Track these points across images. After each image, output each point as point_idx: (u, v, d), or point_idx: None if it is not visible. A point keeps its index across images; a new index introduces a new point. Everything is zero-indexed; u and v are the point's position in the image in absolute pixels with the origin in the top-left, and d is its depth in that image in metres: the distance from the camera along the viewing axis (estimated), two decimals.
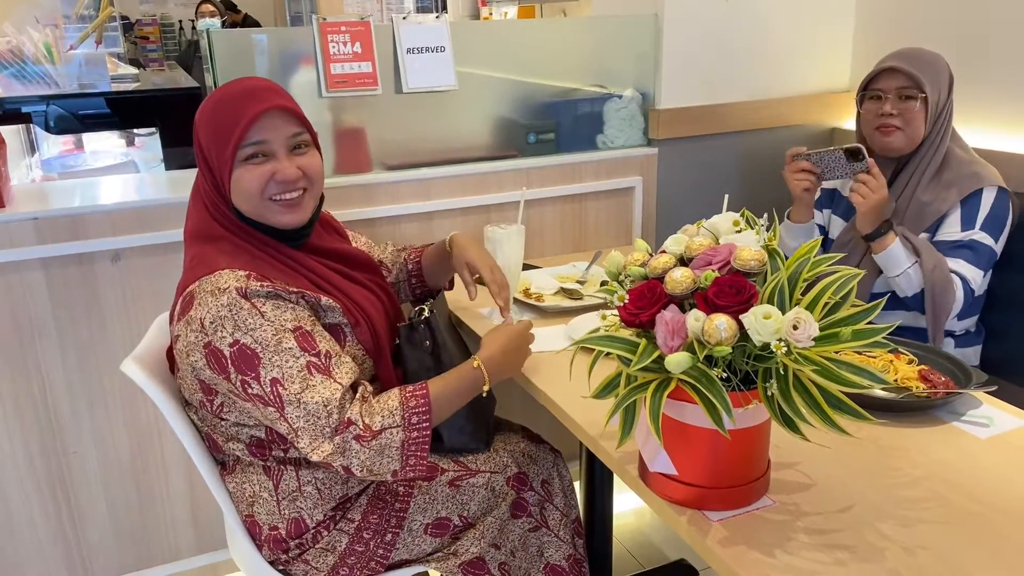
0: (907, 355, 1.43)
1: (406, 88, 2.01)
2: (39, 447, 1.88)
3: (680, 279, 0.98)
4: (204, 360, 1.23)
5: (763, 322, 0.90)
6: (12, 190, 1.85)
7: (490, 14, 4.53)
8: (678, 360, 0.92)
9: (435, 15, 2.09)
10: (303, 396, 1.20)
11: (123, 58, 4.44)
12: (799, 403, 0.95)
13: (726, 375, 0.96)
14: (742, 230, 1.06)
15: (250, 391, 1.21)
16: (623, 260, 1.10)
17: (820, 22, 2.42)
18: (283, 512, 1.35)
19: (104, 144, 3.39)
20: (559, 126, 2.26)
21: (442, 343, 1.43)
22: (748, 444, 1.05)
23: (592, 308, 1.77)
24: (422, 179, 2.07)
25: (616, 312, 1.04)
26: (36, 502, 1.91)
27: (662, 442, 0.96)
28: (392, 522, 1.39)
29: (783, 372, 0.95)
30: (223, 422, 1.33)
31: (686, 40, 2.25)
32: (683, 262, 1.05)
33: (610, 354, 1.04)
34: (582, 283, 1.94)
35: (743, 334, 0.94)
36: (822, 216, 2.08)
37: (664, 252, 1.07)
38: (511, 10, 4.26)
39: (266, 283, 1.25)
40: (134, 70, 3.85)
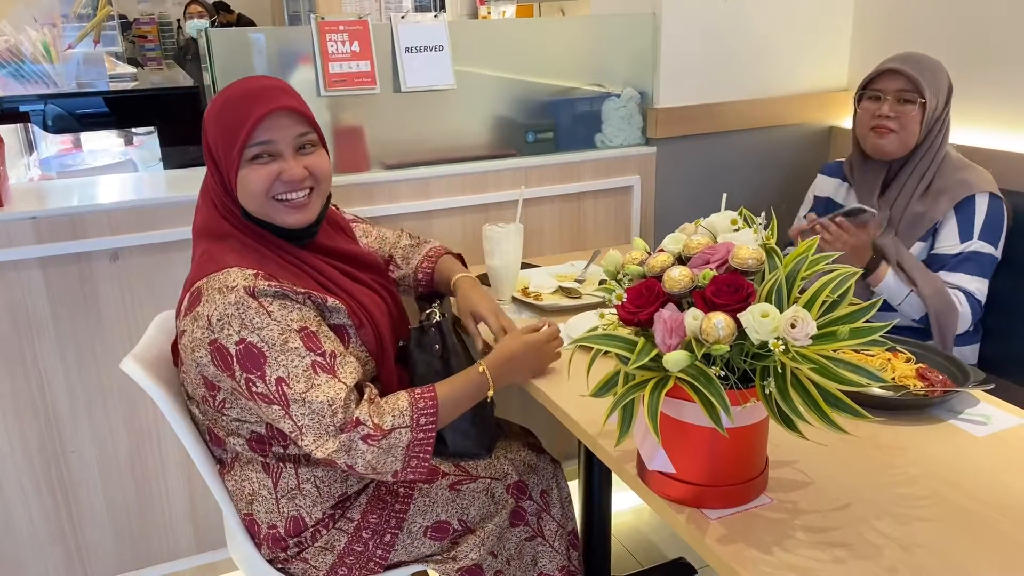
0: (905, 353, 1.44)
1: (404, 87, 2.01)
2: (38, 446, 1.88)
3: (678, 278, 0.99)
4: (209, 357, 1.24)
5: (761, 321, 0.90)
6: (11, 189, 1.85)
7: (488, 13, 4.53)
8: (676, 359, 0.93)
9: (434, 14, 2.09)
10: (308, 395, 1.20)
11: (121, 57, 4.43)
12: (797, 401, 0.95)
13: (724, 373, 0.96)
14: (740, 228, 1.06)
15: (255, 389, 1.22)
16: (621, 259, 1.11)
17: (818, 21, 2.42)
18: (282, 510, 1.35)
19: (102, 143, 3.38)
20: (557, 125, 2.26)
21: (451, 347, 1.45)
22: (746, 442, 1.05)
23: (590, 307, 1.77)
24: (421, 178, 2.07)
25: (614, 311, 1.05)
26: (35, 501, 1.91)
27: (660, 440, 0.96)
28: (392, 523, 1.39)
29: (781, 370, 0.95)
30: (224, 417, 1.34)
31: (684, 39, 2.25)
32: (681, 261, 1.05)
33: (608, 352, 1.04)
34: (580, 282, 1.94)
35: (741, 332, 0.94)
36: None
37: (662, 251, 1.07)
38: (509, 8, 4.26)
39: (273, 283, 1.25)
40: (132, 69, 3.84)
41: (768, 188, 2.50)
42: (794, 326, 0.90)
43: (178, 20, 6.46)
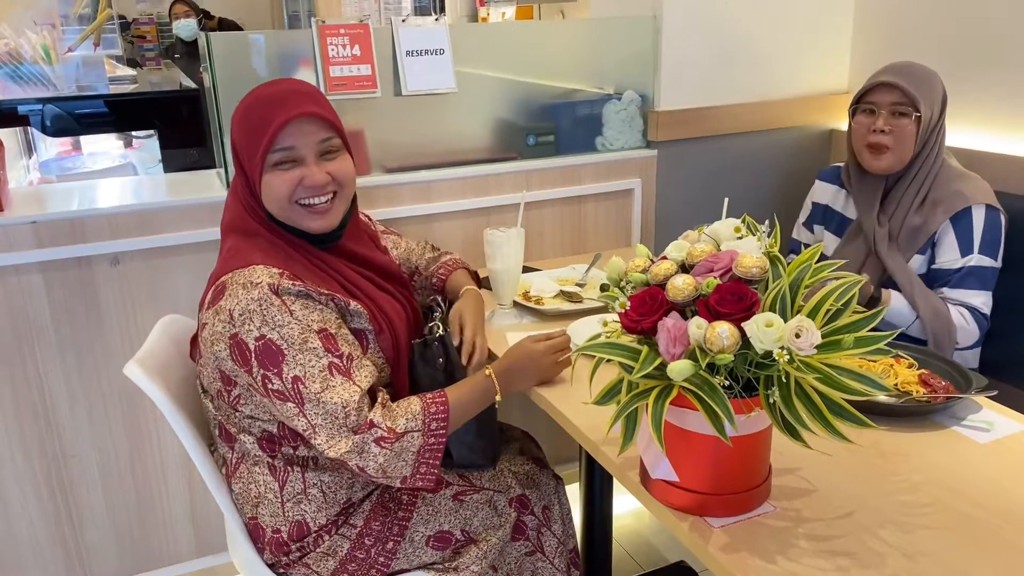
0: (907, 359, 1.43)
1: (405, 91, 2.00)
2: (38, 450, 1.88)
3: (682, 286, 0.98)
4: (228, 351, 1.25)
5: (765, 330, 0.90)
6: (10, 193, 1.84)
7: (488, 14, 4.52)
8: (680, 368, 0.92)
9: (434, 17, 2.09)
10: (322, 396, 1.22)
11: (121, 60, 4.43)
12: (801, 410, 0.95)
13: (728, 383, 0.96)
14: (743, 236, 1.06)
15: (270, 386, 1.23)
16: (624, 266, 1.10)
17: (819, 24, 2.42)
18: (287, 514, 1.35)
19: (102, 146, 3.38)
20: (558, 128, 2.26)
21: (455, 361, 1.45)
22: (750, 451, 1.05)
23: (592, 311, 1.77)
24: (422, 181, 2.07)
25: (617, 318, 1.04)
26: (35, 505, 1.91)
27: (664, 450, 0.96)
28: (394, 530, 1.39)
29: (785, 379, 0.95)
30: (237, 413, 1.35)
31: (685, 42, 2.25)
32: (684, 269, 1.05)
33: (611, 360, 1.04)
34: (582, 286, 1.94)
35: (745, 342, 0.93)
36: (812, 235, 2.08)
37: (665, 258, 1.07)
38: (509, 10, 4.25)
39: (298, 282, 1.27)
40: (132, 71, 3.83)
41: (769, 191, 2.50)
42: (798, 336, 0.90)
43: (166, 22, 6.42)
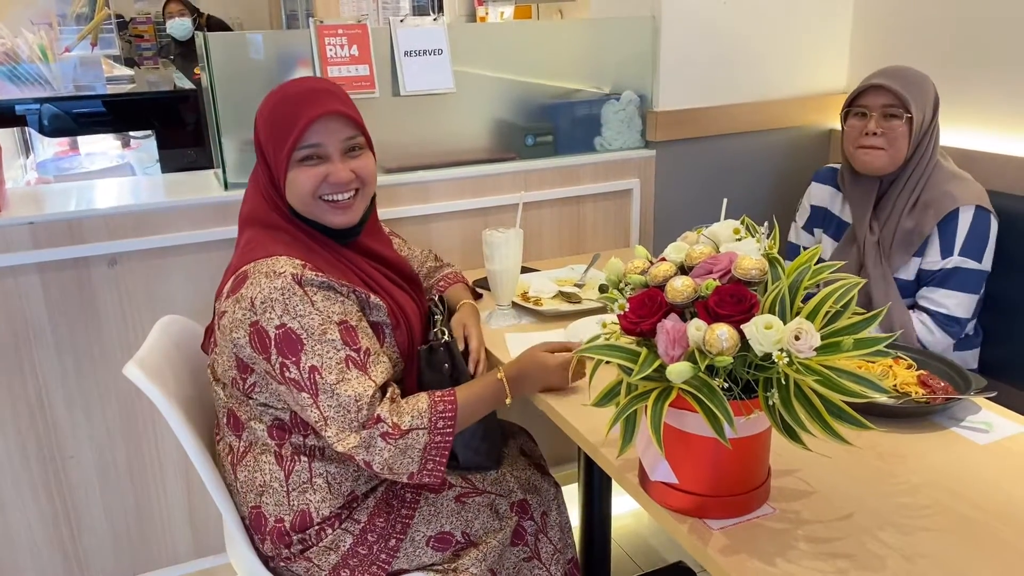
0: (906, 360, 1.43)
1: (404, 91, 2.00)
2: (35, 451, 1.87)
3: (681, 288, 0.98)
4: (247, 338, 1.26)
5: (764, 332, 0.90)
6: (8, 194, 1.84)
7: (486, 14, 4.52)
8: (680, 370, 0.92)
9: (432, 17, 2.08)
10: (337, 388, 1.23)
11: (119, 59, 4.42)
12: (800, 412, 0.95)
13: (727, 385, 0.96)
14: (743, 238, 1.05)
15: (287, 374, 1.24)
16: (623, 267, 1.10)
17: (817, 24, 2.42)
18: (291, 503, 1.36)
19: (99, 146, 3.37)
20: (557, 128, 2.25)
21: (460, 367, 1.47)
22: (749, 452, 1.05)
23: (590, 312, 1.77)
24: (420, 182, 2.06)
25: (616, 319, 1.04)
26: (32, 507, 1.90)
27: (664, 452, 0.96)
28: (397, 527, 1.40)
29: (784, 381, 0.95)
30: (251, 401, 1.36)
31: (684, 42, 2.25)
32: (683, 270, 1.05)
33: (610, 362, 1.04)
34: (580, 286, 1.94)
35: (744, 343, 0.93)
36: (812, 237, 2.08)
37: (664, 260, 1.07)
38: (507, 10, 4.25)
39: (321, 274, 1.30)
40: (130, 71, 3.83)
41: (768, 191, 2.50)
42: (798, 338, 0.89)
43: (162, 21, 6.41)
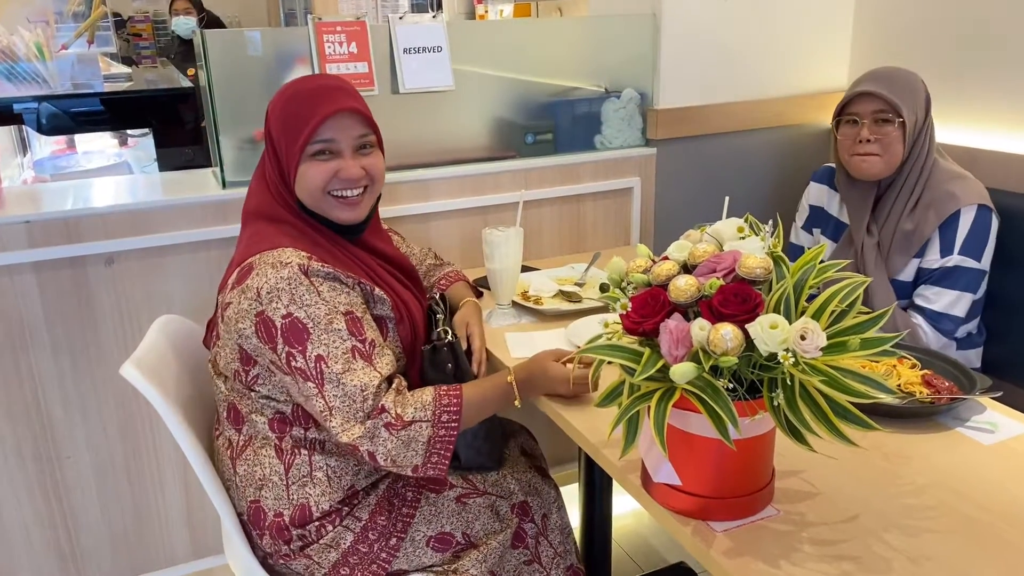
0: (910, 360, 1.42)
1: (403, 89, 1.99)
2: (32, 452, 1.86)
3: (684, 287, 0.97)
4: (253, 328, 1.27)
5: (770, 332, 0.88)
6: (3, 192, 1.82)
7: (486, 12, 4.51)
8: (683, 371, 0.91)
9: (432, 14, 2.07)
10: (343, 377, 1.24)
11: (116, 57, 4.40)
12: (805, 413, 0.94)
13: (732, 385, 0.94)
14: (747, 236, 1.04)
15: (294, 364, 1.25)
16: (625, 266, 1.09)
17: (818, 21, 2.41)
18: (291, 497, 1.35)
19: (97, 144, 3.35)
20: (557, 126, 2.24)
21: (464, 367, 1.46)
22: (753, 453, 1.03)
23: (591, 311, 1.75)
24: (419, 180, 2.05)
25: (618, 319, 1.03)
26: (29, 507, 1.89)
27: (667, 454, 0.94)
28: (398, 526, 1.39)
29: (789, 382, 0.93)
30: (253, 394, 1.36)
31: (684, 40, 2.24)
32: (686, 269, 1.03)
33: (612, 362, 1.02)
34: (581, 285, 1.92)
35: (749, 343, 0.92)
36: (811, 237, 2.07)
37: (667, 258, 1.06)
38: (507, 8, 4.24)
39: (327, 265, 1.31)
40: (127, 69, 3.81)
41: (768, 189, 2.49)
42: (804, 338, 0.88)
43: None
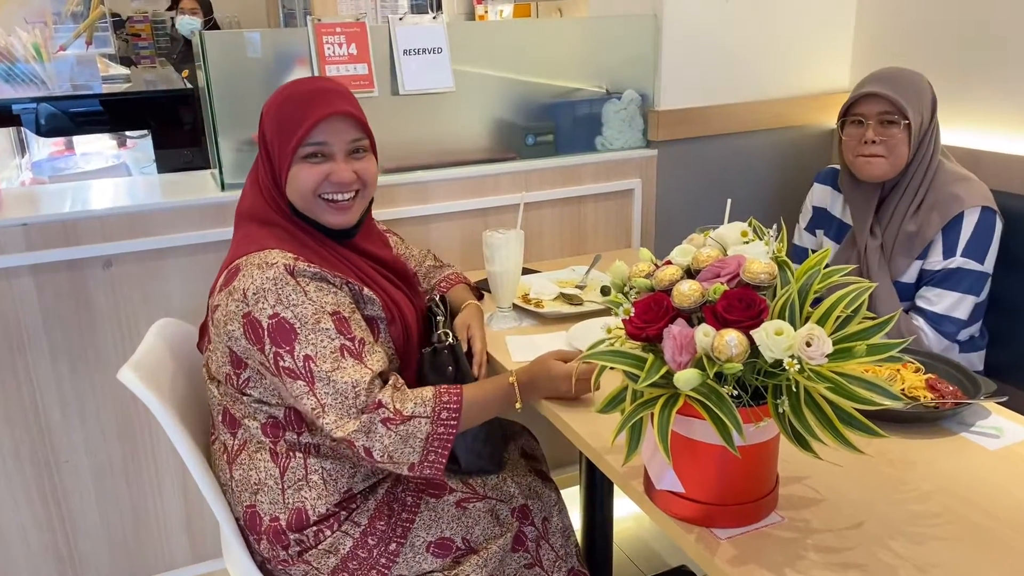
0: (913, 363, 1.41)
1: (403, 90, 1.97)
2: (29, 456, 1.85)
3: (688, 292, 0.96)
4: (241, 329, 1.26)
5: (775, 338, 0.87)
6: (1, 194, 1.81)
7: (486, 12, 4.50)
8: (688, 377, 0.90)
9: (432, 15, 2.06)
10: (333, 375, 1.23)
11: (114, 58, 4.39)
12: (811, 420, 0.93)
13: (736, 392, 0.93)
14: (750, 241, 1.03)
15: (282, 363, 1.24)
16: (628, 271, 1.08)
17: (820, 22, 2.40)
18: (287, 501, 1.34)
19: (95, 146, 3.34)
20: (558, 128, 2.23)
21: (464, 369, 1.45)
22: (758, 460, 1.02)
23: (592, 314, 1.74)
24: (419, 182, 2.04)
25: (620, 323, 1.02)
26: (27, 512, 1.88)
27: (671, 461, 0.93)
28: (398, 531, 1.38)
29: (795, 389, 0.92)
30: (245, 398, 1.35)
31: (685, 41, 2.23)
32: (690, 274, 1.02)
33: (615, 368, 1.01)
34: (582, 288, 1.91)
35: (753, 349, 0.91)
36: (815, 238, 2.06)
37: (670, 263, 1.05)
38: (507, 8, 4.23)
39: (314, 266, 1.30)
40: (126, 70, 3.79)
41: (770, 190, 2.48)
42: (809, 344, 0.87)
43: (171, 18, 6.37)
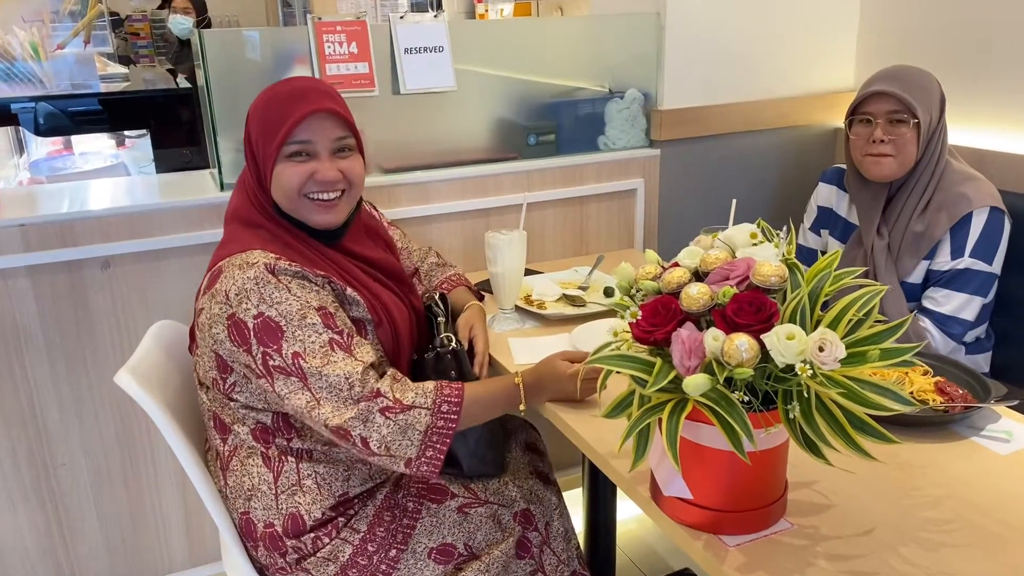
0: (922, 366, 1.39)
1: (404, 89, 1.96)
2: (27, 458, 1.83)
3: (697, 295, 0.94)
4: (226, 332, 1.24)
5: (787, 343, 0.85)
6: None
7: (486, 11, 4.47)
8: (697, 383, 0.88)
9: (433, 14, 2.04)
10: (324, 370, 1.21)
11: (112, 57, 4.36)
12: (822, 426, 0.91)
13: (747, 398, 0.91)
14: (760, 243, 1.01)
15: (271, 363, 1.22)
16: (634, 273, 1.06)
17: (824, 21, 2.38)
18: (280, 507, 1.32)
19: (93, 145, 3.31)
20: (560, 127, 2.21)
21: (468, 374, 1.44)
22: (767, 466, 1.01)
23: (596, 316, 1.73)
24: (420, 182, 2.02)
25: (626, 326, 1.00)
26: (24, 514, 1.86)
27: (679, 468, 0.92)
28: (398, 537, 1.36)
29: (806, 394, 0.90)
30: (232, 403, 1.33)
31: (689, 39, 2.21)
32: (698, 276, 1.01)
33: (621, 372, 0.99)
34: (584, 289, 1.89)
35: (764, 354, 0.89)
36: (819, 238, 2.04)
37: (677, 265, 1.03)
38: (507, 7, 4.21)
39: (294, 264, 1.29)
40: (124, 69, 3.77)
41: (774, 190, 2.46)
42: (822, 349, 0.85)
43: (163, 18, 6.33)
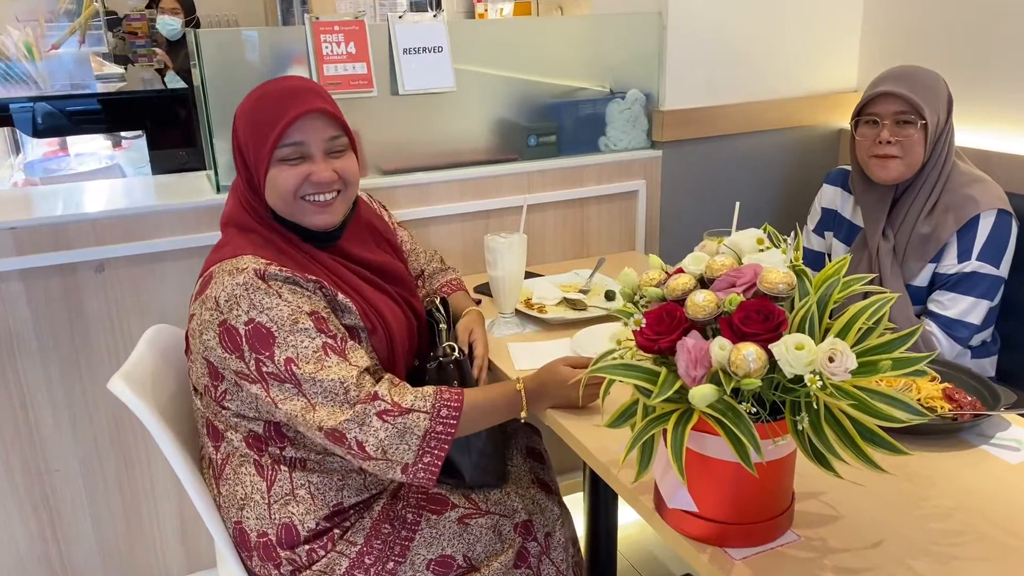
0: (929, 372, 1.36)
1: (403, 90, 1.93)
2: (20, 464, 1.80)
3: (703, 303, 0.91)
4: (217, 339, 1.23)
5: (796, 353, 0.83)
6: None
7: (486, 10, 4.45)
8: (704, 393, 0.85)
9: (432, 14, 2.01)
10: (318, 375, 1.19)
11: (108, 56, 4.34)
12: (831, 437, 0.88)
13: (755, 410, 0.89)
14: (767, 248, 0.99)
15: (264, 369, 1.20)
16: (638, 278, 1.03)
17: (827, 21, 2.35)
18: (273, 516, 1.30)
19: (89, 146, 3.29)
20: (560, 128, 2.18)
21: (471, 384, 1.42)
22: (774, 477, 0.98)
23: (597, 320, 1.70)
24: (419, 184, 1.99)
25: (629, 333, 0.98)
26: (18, 521, 1.84)
27: (685, 480, 0.89)
28: (396, 550, 1.33)
29: (815, 405, 0.88)
30: (224, 411, 1.31)
31: (691, 39, 2.18)
32: (703, 283, 0.98)
33: (625, 382, 0.97)
34: (585, 292, 1.87)
35: (772, 364, 0.87)
36: (823, 240, 2.01)
37: (682, 271, 1.00)
38: (507, 7, 4.19)
39: (285, 270, 1.26)
40: (120, 69, 3.74)
41: (777, 191, 2.44)
42: (832, 359, 0.83)
43: (151, 18, 6.30)
